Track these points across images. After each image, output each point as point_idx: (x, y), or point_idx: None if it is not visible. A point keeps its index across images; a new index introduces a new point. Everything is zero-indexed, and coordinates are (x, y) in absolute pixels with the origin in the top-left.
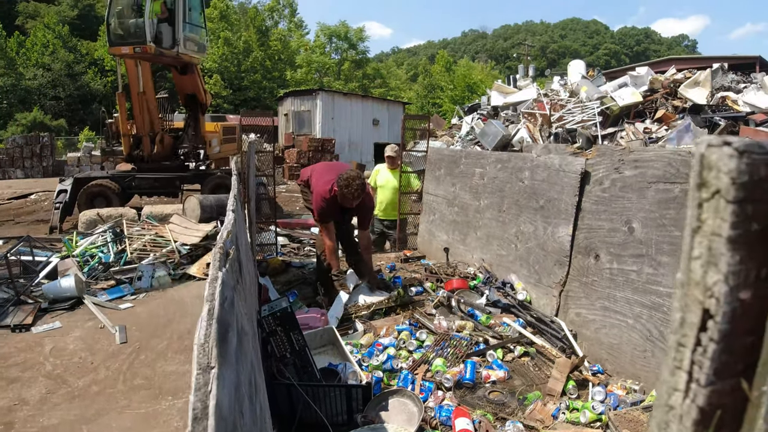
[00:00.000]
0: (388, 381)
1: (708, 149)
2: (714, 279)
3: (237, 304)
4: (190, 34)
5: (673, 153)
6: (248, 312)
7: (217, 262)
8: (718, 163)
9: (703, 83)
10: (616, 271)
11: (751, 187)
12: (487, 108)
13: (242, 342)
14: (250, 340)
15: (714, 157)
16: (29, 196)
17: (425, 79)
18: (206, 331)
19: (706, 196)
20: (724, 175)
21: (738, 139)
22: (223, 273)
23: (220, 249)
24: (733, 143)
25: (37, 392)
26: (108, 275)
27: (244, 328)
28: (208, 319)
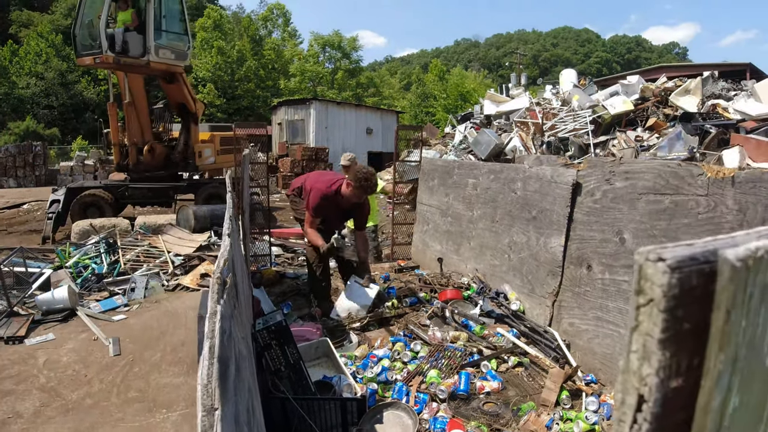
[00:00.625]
0: (382, 393)
1: (645, 263)
2: (647, 372)
3: (234, 332)
4: (169, 42)
5: (663, 165)
6: (244, 333)
7: (215, 294)
8: (652, 277)
9: (693, 91)
10: (609, 282)
11: (682, 296)
12: (480, 117)
13: (240, 370)
14: (246, 365)
15: (650, 271)
16: (22, 206)
17: (418, 87)
18: (208, 370)
19: (642, 302)
20: (657, 287)
21: (673, 252)
22: (221, 306)
23: (217, 279)
24: (667, 259)
25: (31, 405)
26: (101, 286)
27: (241, 353)
28: (209, 357)
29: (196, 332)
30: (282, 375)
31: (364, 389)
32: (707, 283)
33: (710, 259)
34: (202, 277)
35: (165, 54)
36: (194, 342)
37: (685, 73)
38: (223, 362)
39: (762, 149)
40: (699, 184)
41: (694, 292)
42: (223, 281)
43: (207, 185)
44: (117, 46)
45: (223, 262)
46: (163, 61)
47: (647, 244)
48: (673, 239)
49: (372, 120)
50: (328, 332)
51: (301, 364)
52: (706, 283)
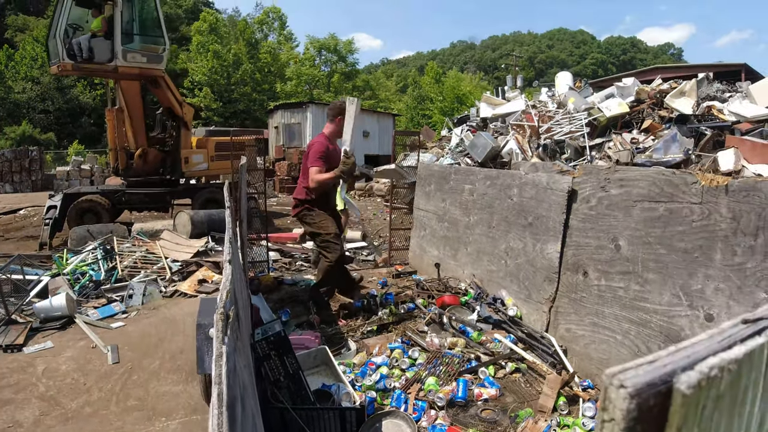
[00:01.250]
0: (381, 401)
1: (609, 386)
2: None
3: (239, 364)
4: (142, 45)
5: (658, 173)
6: (246, 360)
7: (220, 333)
8: (615, 401)
9: (688, 93)
10: (604, 288)
11: (640, 417)
12: (476, 119)
13: (245, 405)
14: (250, 392)
15: (612, 395)
16: (18, 212)
17: (415, 90)
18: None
19: (606, 419)
20: (618, 410)
21: (634, 379)
22: (226, 346)
23: (220, 315)
24: (628, 387)
25: (30, 414)
26: (99, 293)
27: (244, 384)
28: (218, 405)
29: (194, 339)
30: (281, 385)
31: (362, 397)
32: (664, 401)
33: (667, 380)
34: (200, 283)
35: (135, 58)
36: (193, 349)
37: (680, 74)
38: (231, 406)
39: (757, 151)
40: (693, 192)
41: (652, 410)
42: (226, 316)
43: (204, 190)
44: (83, 52)
45: (226, 294)
46: (134, 65)
47: (642, 251)
48: (668, 247)
49: (369, 123)
50: (327, 340)
51: (300, 374)
52: (663, 401)
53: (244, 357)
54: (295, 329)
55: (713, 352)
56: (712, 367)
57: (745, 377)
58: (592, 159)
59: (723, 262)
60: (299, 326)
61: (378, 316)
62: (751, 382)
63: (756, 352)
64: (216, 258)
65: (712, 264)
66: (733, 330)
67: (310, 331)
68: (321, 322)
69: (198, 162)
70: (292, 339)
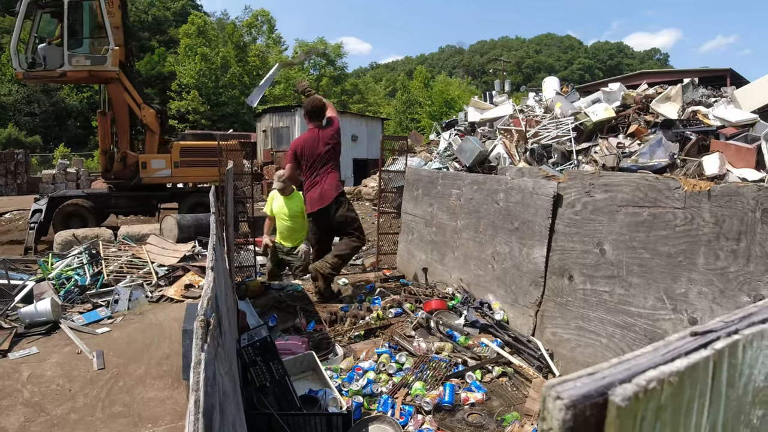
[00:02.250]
0: (368, 405)
1: (548, 398)
2: None
3: (218, 372)
4: (90, 48)
5: (641, 178)
6: (228, 367)
7: (199, 341)
8: (552, 411)
9: (674, 98)
10: (590, 292)
11: (577, 426)
12: (464, 124)
13: (224, 412)
14: (231, 400)
15: (550, 406)
16: (3, 215)
17: (403, 94)
18: (194, 426)
19: (545, 428)
20: (555, 420)
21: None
22: (205, 354)
23: (201, 322)
24: (564, 399)
25: (15, 420)
26: (84, 298)
27: (225, 392)
28: (195, 412)
29: (180, 345)
30: (267, 391)
31: (349, 402)
32: (601, 411)
33: (604, 392)
34: (187, 288)
35: (80, 61)
36: (179, 354)
37: (666, 79)
38: (208, 414)
39: (741, 155)
40: (676, 197)
41: (588, 421)
42: (206, 323)
43: (191, 194)
44: (41, 60)
45: (207, 301)
46: (80, 69)
47: (627, 256)
48: (652, 251)
49: (357, 127)
50: (314, 345)
51: (286, 379)
52: (601, 411)
53: (226, 364)
54: (281, 335)
55: (654, 364)
56: (650, 379)
57: (689, 389)
58: (578, 163)
59: (706, 266)
60: (286, 331)
61: (365, 321)
62: (696, 394)
63: (700, 365)
64: (203, 263)
65: (695, 268)
66: (679, 343)
67: (297, 337)
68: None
69: (158, 168)
70: (279, 344)
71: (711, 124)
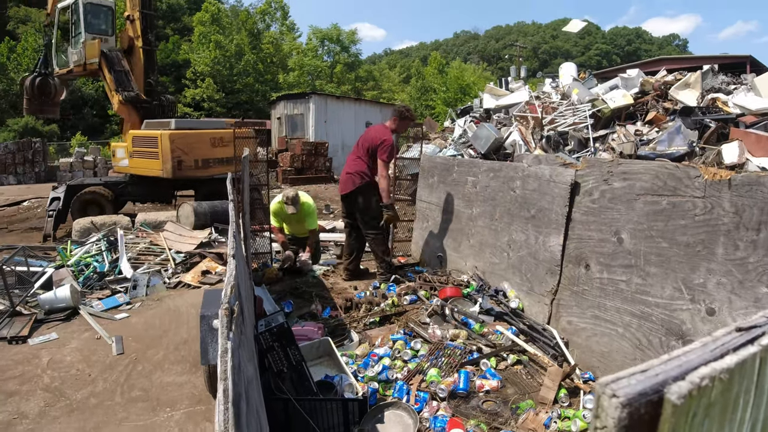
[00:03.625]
0: (383, 391)
1: (602, 396)
2: None
3: (243, 359)
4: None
5: (660, 166)
6: (249, 353)
7: (225, 329)
8: (607, 410)
9: (693, 85)
10: (606, 281)
11: (631, 425)
12: (479, 111)
13: (249, 398)
14: (254, 385)
15: (605, 404)
16: (22, 203)
17: (418, 81)
18: (224, 416)
19: (599, 426)
20: (610, 419)
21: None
22: (231, 342)
23: (225, 310)
24: (620, 397)
25: (35, 405)
26: (103, 285)
27: (249, 378)
28: (224, 401)
29: (198, 330)
30: (284, 376)
31: (365, 388)
32: (655, 409)
33: (658, 389)
34: (204, 275)
35: (71, 57)
36: (196, 340)
37: (685, 66)
38: (237, 403)
39: (761, 144)
40: (696, 186)
41: (643, 419)
42: (231, 311)
43: (208, 182)
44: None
45: (231, 289)
46: (64, 68)
47: (645, 245)
48: (671, 240)
49: (371, 114)
50: (330, 331)
51: (303, 365)
52: (655, 408)
53: (248, 350)
54: (297, 321)
55: (705, 361)
56: (703, 377)
57: (737, 386)
58: (595, 151)
59: (725, 256)
60: (302, 317)
61: (380, 308)
62: (742, 390)
63: (748, 362)
64: (219, 249)
65: (714, 258)
66: (726, 338)
67: (312, 323)
68: (321, 313)
69: (122, 157)
70: (295, 330)
71: (730, 112)
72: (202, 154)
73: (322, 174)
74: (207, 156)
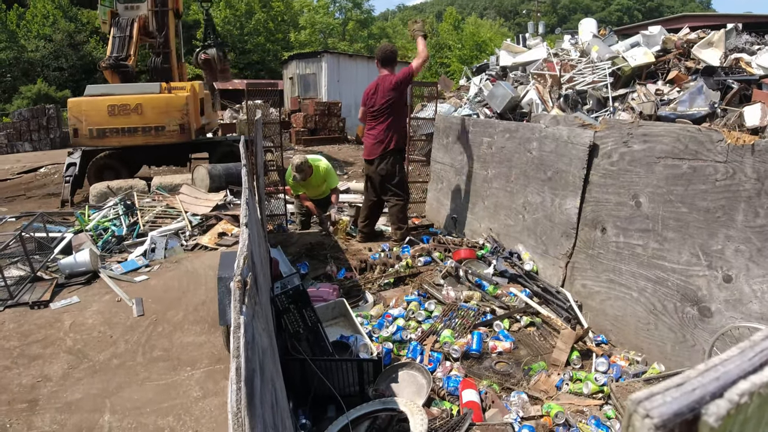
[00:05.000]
0: (397, 351)
1: (634, 415)
2: None
3: (257, 330)
4: None
5: (682, 129)
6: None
7: (237, 303)
8: (640, 430)
9: (716, 44)
10: (623, 245)
11: None
12: (495, 68)
13: (264, 370)
14: (269, 356)
15: (637, 424)
16: (39, 170)
17: (432, 38)
18: (237, 395)
19: None
20: None
21: (660, 409)
22: (244, 317)
23: (238, 283)
24: (654, 417)
25: (59, 368)
26: (122, 248)
27: (263, 348)
28: (236, 380)
29: (216, 291)
30: (300, 337)
31: (379, 348)
32: (690, 428)
33: (695, 407)
34: (220, 236)
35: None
36: (214, 301)
37: (708, 24)
38: (250, 380)
39: None
40: (718, 150)
41: None
42: (243, 283)
43: (221, 144)
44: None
45: (243, 260)
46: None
47: (663, 209)
48: (690, 205)
49: None
50: (345, 292)
51: (318, 326)
52: (689, 428)
53: (263, 319)
54: (312, 282)
55: (744, 372)
56: (743, 393)
57: None
58: (614, 110)
59: (745, 223)
60: (317, 279)
61: (395, 269)
62: None
63: None
64: (235, 211)
65: (733, 225)
66: (765, 343)
67: (328, 284)
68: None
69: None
70: (310, 292)
71: (754, 73)
72: (96, 123)
73: (336, 134)
74: (103, 125)
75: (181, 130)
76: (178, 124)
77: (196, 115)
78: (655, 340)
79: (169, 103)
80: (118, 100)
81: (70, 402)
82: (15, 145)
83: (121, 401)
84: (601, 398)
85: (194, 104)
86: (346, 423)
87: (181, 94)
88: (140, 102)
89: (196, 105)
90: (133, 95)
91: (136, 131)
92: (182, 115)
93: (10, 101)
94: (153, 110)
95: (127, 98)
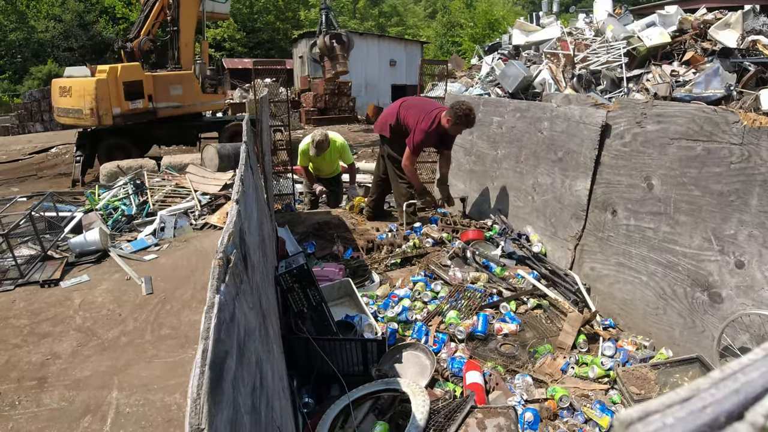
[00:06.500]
0: (402, 332)
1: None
2: None
3: (239, 311)
4: None
5: (697, 109)
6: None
7: (215, 281)
8: None
9: (734, 25)
10: (633, 228)
11: None
12: (508, 47)
13: (243, 353)
14: (255, 338)
15: None
16: (50, 150)
17: (444, 16)
18: (198, 380)
19: None
20: None
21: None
22: (220, 296)
23: (219, 260)
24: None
25: (68, 346)
26: (132, 227)
27: (249, 327)
28: (201, 364)
29: None
30: (305, 316)
31: (384, 328)
32: None
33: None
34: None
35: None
36: None
37: (726, 5)
38: (217, 365)
39: None
40: (734, 132)
41: None
42: (226, 260)
43: (230, 123)
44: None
45: (228, 236)
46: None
47: (675, 192)
48: (703, 188)
49: (395, 51)
50: (351, 272)
51: (323, 305)
52: None
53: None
54: (319, 262)
55: None
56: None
57: None
58: (629, 91)
59: (759, 208)
60: (323, 258)
61: (401, 249)
62: None
63: None
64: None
65: (747, 209)
66: None
67: (334, 264)
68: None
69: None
70: (316, 271)
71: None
72: (55, 102)
73: (346, 114)
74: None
75: (91, 114)
76: (89, 108)
77: (118, 100)
78: (663, 325)
79: (84, 87)
80: (64, 83)
81: (78, 379)
82: (26, 126)
83: (129, 378)
84: (606, 383)
85: (111, 89)
86: (347, 403)
87: (97, 77)
88: (70, 85)
89: (114, 89)
90: (70, 78)
91: (69, 112)
92: (92, 99)
93: (21, 82)
94: (75, 93)
95: (67, 81)
